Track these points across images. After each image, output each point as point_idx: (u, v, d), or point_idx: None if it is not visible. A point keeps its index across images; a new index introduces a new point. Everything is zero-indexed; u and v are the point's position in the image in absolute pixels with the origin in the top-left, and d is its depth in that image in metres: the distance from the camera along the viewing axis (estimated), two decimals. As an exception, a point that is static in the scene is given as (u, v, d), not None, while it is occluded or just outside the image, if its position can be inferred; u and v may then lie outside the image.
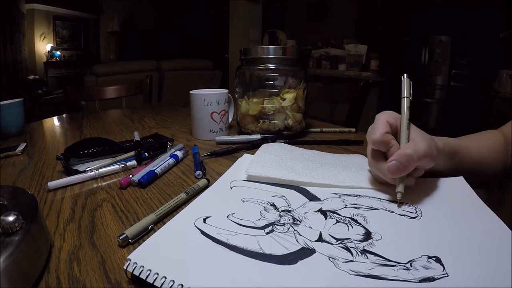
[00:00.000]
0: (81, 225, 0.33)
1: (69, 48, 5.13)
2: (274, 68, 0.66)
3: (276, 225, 0.30)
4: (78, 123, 0.90)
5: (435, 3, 3.20)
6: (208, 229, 0.29)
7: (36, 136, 0.76)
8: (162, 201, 0.38)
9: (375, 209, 0.33)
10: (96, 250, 0.28)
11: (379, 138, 0.36)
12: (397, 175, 0.34)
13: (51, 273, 0.26)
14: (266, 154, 0.48)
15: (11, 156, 0.59)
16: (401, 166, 0.33)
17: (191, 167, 0.50)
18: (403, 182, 0.34)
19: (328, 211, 0.33)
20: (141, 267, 0.23)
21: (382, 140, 0.36)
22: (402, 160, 0.33)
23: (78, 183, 0.44)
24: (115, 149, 0.55)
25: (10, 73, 4.12)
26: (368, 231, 0.29)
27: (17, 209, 0.25)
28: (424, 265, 0.24)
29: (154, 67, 3.01)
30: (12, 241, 0.22)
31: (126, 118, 0.96)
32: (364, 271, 0.24)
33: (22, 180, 0.47)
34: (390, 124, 0.37)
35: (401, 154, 0.33)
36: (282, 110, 0.66)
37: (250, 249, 0.26)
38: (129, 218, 0.34)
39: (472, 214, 0.32)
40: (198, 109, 0.66)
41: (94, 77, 2.69)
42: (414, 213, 0.32)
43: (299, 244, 0.27)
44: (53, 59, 4.86)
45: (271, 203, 0.35)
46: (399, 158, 0.33)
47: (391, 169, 0.34)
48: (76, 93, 1.32)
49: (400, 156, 0.33)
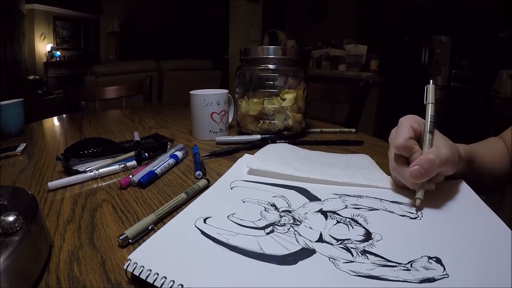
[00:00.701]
0: (81, 225, 0.33)
1: (69, 48, 5.13)
2: (274, 69, 0.66)
3: (277, 226, 0.30)
4: (78, 123, 0.90)
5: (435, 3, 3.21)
6: (209, 229, 0.29)
7: (36, 136, 0.75)
8: (162, 201, 0.38)
9: (375, 209, 0.33)
10: (96, 250, 0.28)
11: (402, 143, 0.36)
12: (419, 180, 0.34)
13: (51, 273, 0.26)
14: (269, 151, 0.49)
15: (11, 156, 0.59)
16: (423, 171, 0.33)
17: (191, 167, 0.50)
18: (423, 188, 0.34)
19: (328, 212, 0.33)
20: (141, 267, 0.23)
21: (405, 146, 0.36)
22: (424, 165, 0.33)
23: (78, 183, 0.44)
24: (115, 149, 0.55)
25: (10, 73, 4.12)
26: (369, 232, 0.29)
27: (17, 209, 0.25)
28: (424, 265, 0.24)
29: (154, 67, 3.01)
30: (12, 241, 0.22)
31: (126, 118, 0.96)
32: (365, 271, 0.24)
33: (22, 180, 0.47)
34: (414, 129, 0.37)
35: (424, 160, 0.33)
36: (282, 110, 0.66)
37: (250, 250, 0.26)
38: (129, 218, 0.34)
39: (472, 214, 0.32)
40: (198, 109, 0.66)
41: (94, 77, 2.69)
42: (414, 213, 0.32)
43: (299, 245, 0.27)
44: (53, 59, 4.86)
45: (271, 203, 0.35)
46: (422, 163, 0.33)
47: (413, 174, 0.34)
48: (76, 93, 1.32)
49: (423, 161, 0.33)
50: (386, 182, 0.39)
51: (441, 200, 0.35)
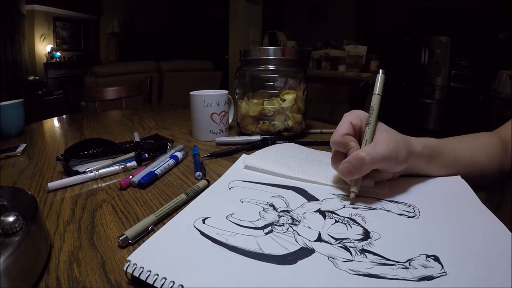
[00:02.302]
0: (81, 226, 0.33)
1: (69, 49, 5.14)
2: (274, 69, 0.66)
3: (275, 226, 0.30)
4: (78, 124, 0.90)
5: (435, 4, 3.21)
6: (208, 230, 0.29)
7: (36, 137, 0.76)
8: (162, 202, 0.39)
9: (373, 209, 0.33)
10: (96, 251, 0.29)
11: (337, 139, 0.36)
12: (350, 177, 0.34)
13: (51, 273, 0.26)
14: (270, 150, 0.50)
15: (11, 156, 0.59)
16: (352, 168, 0.33)
17: (191, 168, 0.51)
18: (358, 184, 0.34)
19: (326, 211, 0.33)
20: (141, 268, 0.23)
21: (340, 142, 0.36)
22: (353, 162, 0.33)
23: (78, 184, 0.44)
24: (115, 150, 0.55)
25: (10, 74, 4.12)
26: (367, 231, 0.29)
27: (17, 209, 0.25)
28: (422, 264, 0.24)
29: (154, 68, 3.02)
30: (12, 241, 0.22)
31: (126, 119, 0.96)
32: (363, 270, 0.24)
33: (22, 181, 0.47)
34: (353, 124, 0.37)
35: (353, 157, 0.33)
36: (282, 111, 0.66)
37: (249, 250, 0.26)
38: (129, 219, 0.34)
39: (469, 212, 0.32)
40: (198, 110, 0.66)
41: (94, 78, 2.69)
42: (412, 212, 0.32)
43: (298, 244, 0.27)
44: (53, 60, 4.86)
45: (269, 203, 0.35)
46: (351, 161, 0.33)
47: (342, 171, 0.34)
48: (76, 94, 1.32)
49: (352, 158, 0.33)
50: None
51: (438, 198, 0.35)
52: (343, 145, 0.36)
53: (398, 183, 0.39)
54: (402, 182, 0.39)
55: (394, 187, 0.38)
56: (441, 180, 0.39)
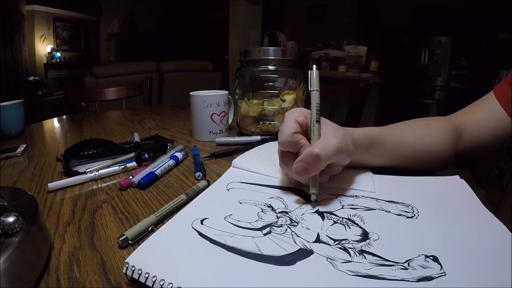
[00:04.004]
0: (81, 226, 0.33)
1: (69, 50, 5.14)
2: (274, 70, 0.66)
3: (274, 227, 0.30)
4: (78, 124, 0.90)
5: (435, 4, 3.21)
6: (206, 231, 0.29)
7: (36, 137, 0.76)
8: (162, 202, 0.39)
9: (372, 209, 0.33)
10: (96, 251, 0.29)
11: (286, 139, 0.35)
12: (306, 176, 0.33)
13: (51, 274, 0.26)
14: (259, 150, 0.50)
15: (11, 157, 0.59)
16: (308, 166, 0.32)
17: (191, 169, 0.51)
18: (316, 183, 0.33)
19: (325, 212, 0.33)
20: (139, 270, 0.23)
21: (290, 141, 0.35)
22: (309, 160, 0.32)
23: (78, 184, 0.44)
24: (115, 151, 0.55)
25: (10, 74, 4.12)
26: (366, 232, 0.29)
27: (17, 210, 0.25)
28: (421, 264, 0.24)
29: (154, 69, 3.02)
30: (12, 242, 0.23)
31: (126, 119, 0.97)
32: (362, 271, 0.24)
33: (22, 181, 0.47)
34: (299, 122, 0.36)
35: (308, 155, 0.32)
36: (282, 111, 0.66)
37: (248, 250, 0.26)
38: (129, 220, 0.34)
39: (468, 212, 0.32)
40: (198, 110, 0.66)
41: (94, 79, 2.69)
42: (410, 212, 0.32)
43: (297, 245, 0.27)
44: (53, 60, 4.86)
45: (268, 204, 0.35)
46: (306, 159, 0.32)
47: (298, 170, 0.33)
48: (76, 94, 1.32)
49: (306, 156, 0.32)
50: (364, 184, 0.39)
51: (437, 198, 0.35)
52: (293, 145, 0.35)
53: (397, 183, 0.39)
54: (400, 182, 0.39)
55: (393, 186, 0.38)
56: (440, 180, 0.39)
